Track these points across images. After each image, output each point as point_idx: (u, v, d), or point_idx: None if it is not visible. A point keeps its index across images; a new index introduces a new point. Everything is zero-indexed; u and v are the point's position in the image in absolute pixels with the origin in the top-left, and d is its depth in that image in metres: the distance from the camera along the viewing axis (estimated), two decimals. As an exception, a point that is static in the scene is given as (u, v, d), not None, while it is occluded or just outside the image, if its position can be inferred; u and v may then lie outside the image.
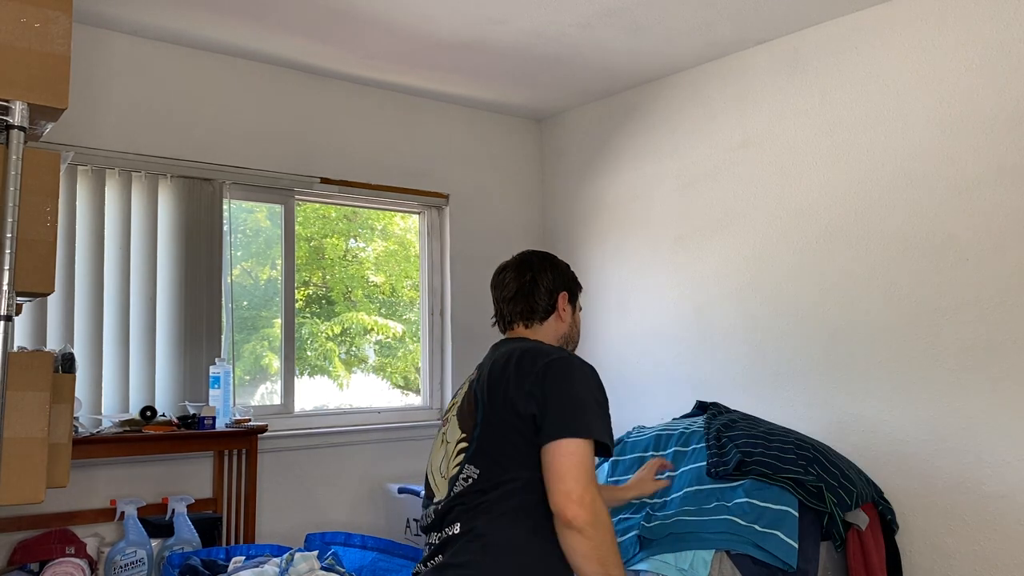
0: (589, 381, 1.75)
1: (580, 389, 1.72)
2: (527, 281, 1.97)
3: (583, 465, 1.62)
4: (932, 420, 3.10)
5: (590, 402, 1.71)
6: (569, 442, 1.63)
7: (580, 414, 1.67)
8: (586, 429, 1.66)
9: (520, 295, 1.96)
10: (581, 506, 1.58)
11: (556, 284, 1.98)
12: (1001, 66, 2.98)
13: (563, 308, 1.98)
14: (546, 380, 1.72)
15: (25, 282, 1.68)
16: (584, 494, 1.59)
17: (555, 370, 1.73)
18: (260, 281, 4.08)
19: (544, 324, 1.96)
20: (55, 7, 1.70)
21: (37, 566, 3.01)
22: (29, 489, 1.67)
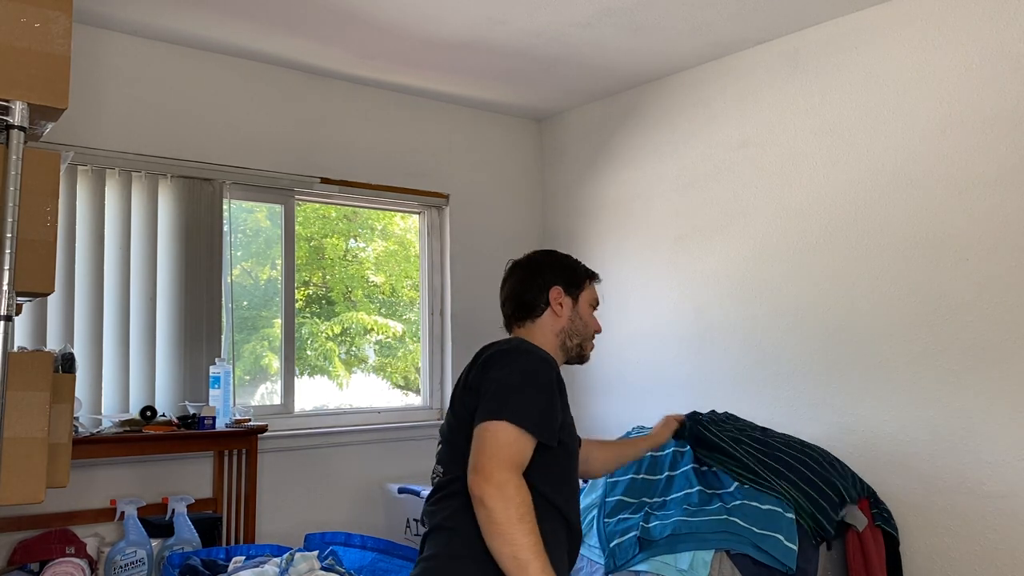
0: (527, 368, 1.69)
1: (513, 375, 1.67)
2: (519, 280, 1.95)
3: (496, 443, 1.57)
4: (932, 420, 3.10)
5: (518, 387, 1.65)
6: (489, 424, 1.60)
7: (505, 398, 1.63)
8: (508, 412, 1.60)
9: (512, 295, 1.94)
10: (488, 481, 1.54)
11: (548, 279, 1.93)
12: (1001, 66, 2.98)
13: (558, 302, 1.91)
14: (484, 370, 1.70)
15: (25, 282, 1.68)
16: (493, 470, 1.54)
17: (495, 359, 1.71)
18: (260, 281, 4.08)
19: (538, 322, 1.91)
20: (55, 7, 1.69)
21: (37, 566, 3.01)
22: (29, 489, 1.67)
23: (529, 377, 1.68)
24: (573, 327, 1.93)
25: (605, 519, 2.81)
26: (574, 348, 1.93)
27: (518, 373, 1.67)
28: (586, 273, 2.00)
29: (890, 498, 3.17)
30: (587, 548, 2.83)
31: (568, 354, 1.94)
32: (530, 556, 1.52)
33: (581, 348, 1.94)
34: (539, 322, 1.91)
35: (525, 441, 1.61)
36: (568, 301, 1.93)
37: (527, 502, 1.55)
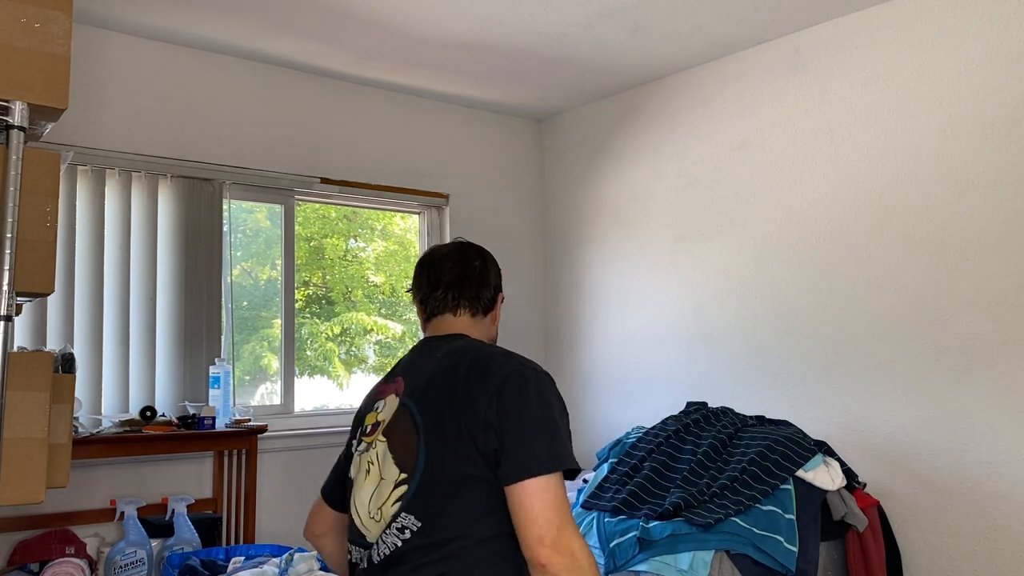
0: (550, 396, 1.49)
1: (542, 409, 1.45)
2: (476, 267, 1.72)
3: (555, 503, 1.38)
4: (932, 420, 3.10)
5: (554, 425, 1.45)
6: (537, 481, 1.38)
7: (546, 443, 1.42)
8: (556, 460, 1.41)
9: (468, 281, 1.70)
10: (556, 551, 1.35)
11: (498, 282, 1.76)
12: (1001, 66, 2.98)
13: (498, 310, 1.76)
14: (501, 402, 1.45)
15: (25, 282, 1.68)
16: (559, 537, 1.36)
17: (511, 388, 1.46)
18: (260, 281, 4.08)
19: (480, 320, 1.72)
20: (55, 7, 1.69)
21: (37, 566, 3.01)
22: (29, 489, 1.67)
23: (560, 409, 1.50)
24: (495, 335, 1.79)
25: (606, 519, 2.82)
26: None
27: (549, 406, 1.47)
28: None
29: (890, 498, 3.17)
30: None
31: None
32: None
33: None
34: (483, 321, 1.73)
35: (565, 488, 1.44)
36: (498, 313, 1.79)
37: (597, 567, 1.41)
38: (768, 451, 2.77)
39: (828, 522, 2.76)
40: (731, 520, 2.58)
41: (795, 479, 2.71)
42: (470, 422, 1.44)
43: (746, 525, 2.56)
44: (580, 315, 4.56)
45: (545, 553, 1.35)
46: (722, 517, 2.58)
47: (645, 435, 3.14)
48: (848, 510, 2.79)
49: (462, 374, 1.50)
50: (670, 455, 2.97)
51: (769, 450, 2.78)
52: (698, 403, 3.33)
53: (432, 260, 1.75)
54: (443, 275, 1.71)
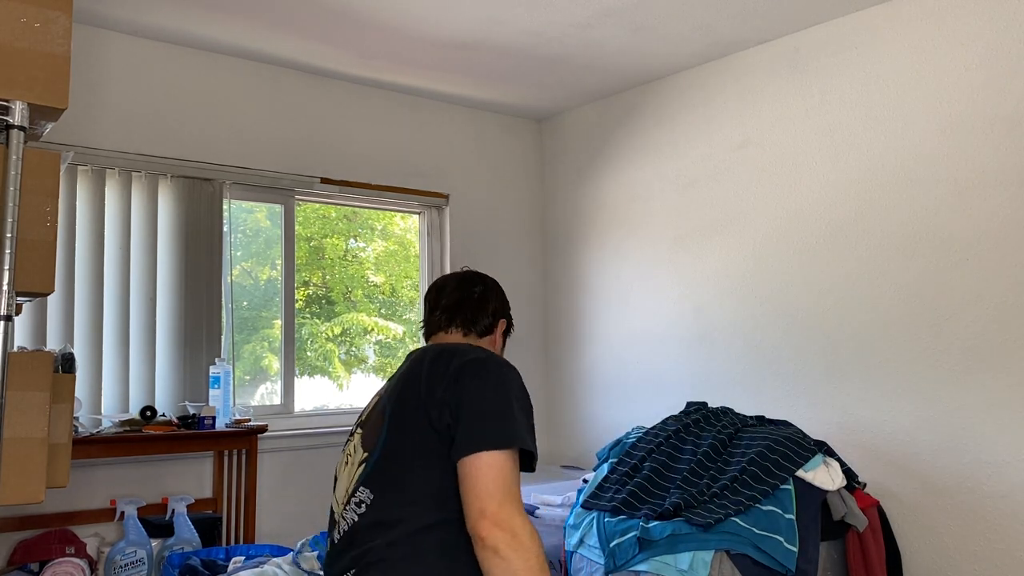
0: (509, 383, 1.53)
1: (498, 392, 1.50)
2: (476, 293, 1.83)
3: (500, 479, 1.40)
4: (932, 420, 3.10)
5: (511, 407, 1.49)
6: (486, 455, 1.41)
7: (499, 421, 1.46)
8: (507, 438, 1.44)
9: (466, 305, 1.80)
10: (496, 525, 1.36)
11: (499, 308, 1.85)
12: (1001, 66, 2.98)
13: (499, 334, 1.84)
14: (459, 383, 1.51)
15: (25, 282, 1.68)
16: (500, 511, 1.38)
17: (470, 371, 1.52)
18: (260, 281, 4.08)
19: (479, 341, 1.81)
20: (55, 7, 1.69)
21: (37, 566, 3.01)
22: (29, 489, 1.67)
23: (520, 396, 1.54)
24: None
25: (606, 519, 2.82)
26: None
27: (507, 390, 1.51)
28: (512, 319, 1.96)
29: (890, 498, 3.17)
30: (587, 548, 2.83)
31: None
32: None
33: None
34: (478, 342, 1.81)
35: (516, 469, 1.47)
36: (502, 340, 1.88)
37: (542, 547, 1.42)
38: (768, 451, 2.77)
39: (828, 522, 2.76)
40: (731, 520, 2.58)
41: (795, 479, 2.71)
42: (427, 400, 1.51)
43: (746, 525, 2.56)
44: (580, 315, 4.56)
45: (485, 526, 1.37)
46: (722, 517, 2.58)
47: (645, 435, 3.14)
48: (848, 510, 2.79)
49: (428, 359, 1.59)
50: (670, 455, 2.97)
51: (769, 450, 2.77)
52: (698, 403, 3.33)
53: (437, 286, 1.87)
54: (443, 299, 1.83)
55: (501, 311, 1.86)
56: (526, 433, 1.49)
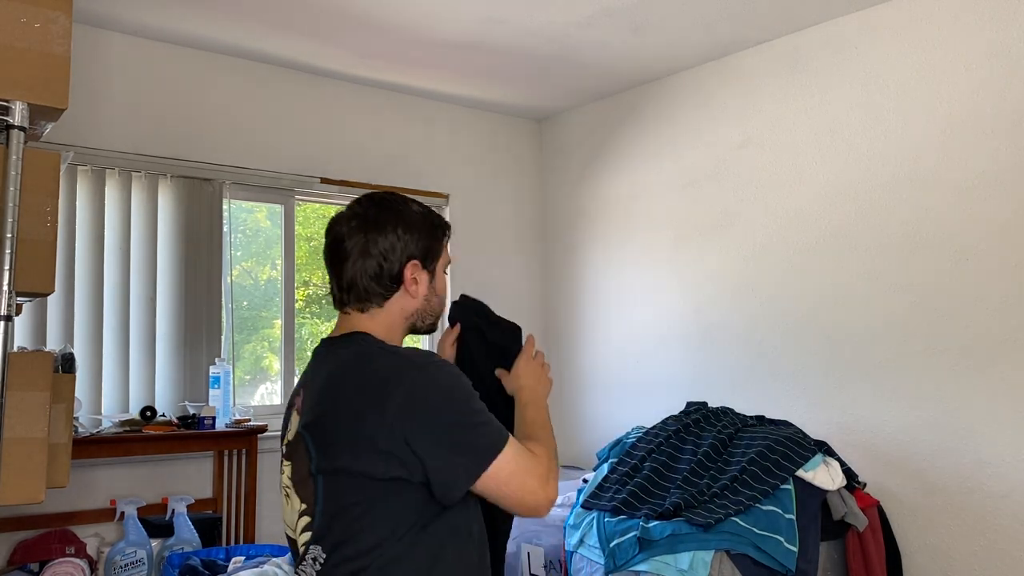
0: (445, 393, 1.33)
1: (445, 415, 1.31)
2: (359, 248, 1.43)
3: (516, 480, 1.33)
4: (932, 420, 3.10)
5: (460, 425, 1.32)
6: (484, 479, 1.31)
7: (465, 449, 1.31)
8: (486, 455, 1.31)
9: (345, 268, 1.44)
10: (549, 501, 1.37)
11: (402, 250, 1.44)
12: (1001, 66, 2.98)
13: (412, 281, 1.45)
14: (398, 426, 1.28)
15: (25, 282, 1.68)
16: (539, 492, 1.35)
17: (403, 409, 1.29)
18: (260, 281, 4.07)
19: (386, 306, 1.45)
20: (55, 7, 1.69)
21: (37, 566, 3.01)
22: (29, 489, 1.67)
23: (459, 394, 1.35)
24: (428, 307, 1.50)
25: (606, 519, 2.81)
26: (425, 327, 1.52)
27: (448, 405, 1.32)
28: (442, 230, 1.52)
29: (890, 498, 3.17)
30: (587, 548, 2.83)
31: (415, 332, 1.53)
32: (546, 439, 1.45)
33: (432, 324, 1.54)
34: (388, 305, 1.45)
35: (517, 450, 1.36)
36: (425, 276, 1.47)
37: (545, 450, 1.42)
38: (768, 451, 2.77)
39: (828, 522, 2.76)
40: (731, 520, 2.58)
41: (795, 479, 2.71)
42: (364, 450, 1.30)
43: (746, 525, 2.56)
44: (580, 315, 4.56)
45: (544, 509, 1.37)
46: (722, 517, 2.58)
47: (645, 435, 3.14)
48: (848, 510, 2.79)
49: (345, 391, 1.34)
50: (670, 455, 2.97)
51: (769, 450, 2.78)
52: (698, 403, 3.33)
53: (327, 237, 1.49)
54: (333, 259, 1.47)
55: (405, 253, 1.44)
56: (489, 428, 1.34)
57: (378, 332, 1.44)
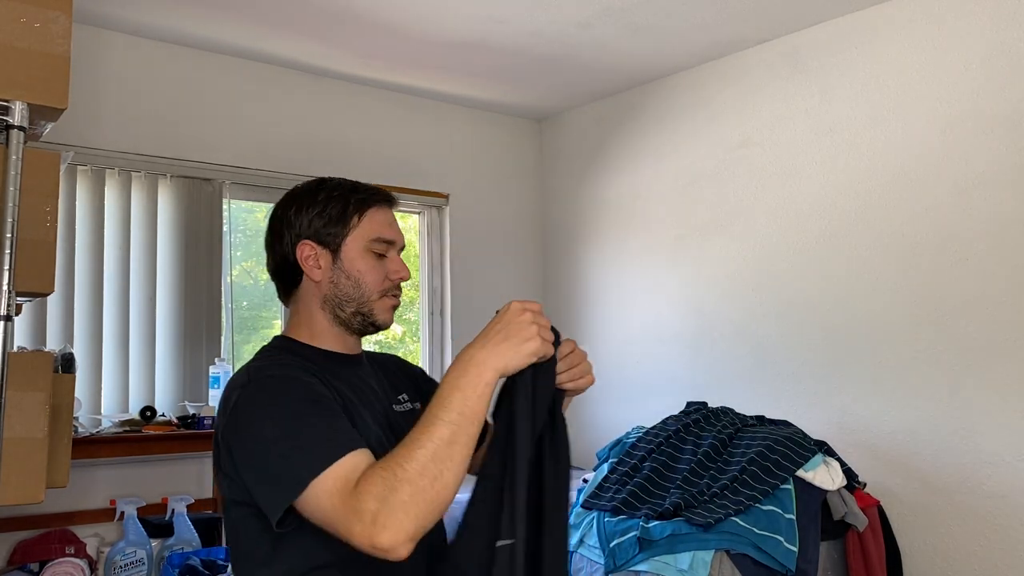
0: (247, 423, 1.18)
1: (254, 452, 1.16)
2: (268, 241, 1.39)
3: (326, 507, 1.07)
4: (932, 420, 3.10)
5: (272, 452, 1.13)
6: (302, 505, 1.09)
7: (271, 478, 1.13)
8: (297, 482, 1.09)
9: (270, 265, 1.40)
10: (384, 549, 1.02)
11: (290, 235, 1.35)
12: (1001, 66, 2.98)
13: (309, 264, 1.33)
14: (232, 446, 1.19)
15: (25, 282, 1.68)
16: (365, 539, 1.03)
17: (230, 426, 1.20)
18: (260, 281, 4.08)
19: (298, 295, 1.37)
20: (55, 7, 1.69)
21: (37, 566, 3.01)
22: (29, 489, 1.67)
23: (284, 412, 1.16)
24: (339, 292, 1.33)
25: (606, 519, 2.81)
26: (352, 318, 1.34)
27: (266, 422, 1.16)
28: (355, 205, 1.34)
29: (890, 498, 3.17)
30: (587, 548, 2.83)
31: (349, 327, 1.35)
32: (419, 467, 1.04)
33: (363, 316, 1.34)
34: (299, 293, 1.36)
35: (348, 461, 1.09)
36: (326, 256, 1.33)
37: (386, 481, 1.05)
38: (768, 451, 2.77)
39: (828, 522, 2.76)
40: (731, 520, 2.58)
41: (795, 479, 2.71)
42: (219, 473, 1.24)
43: (746, 525, 2.56)
44: (580, 315, 4.56)
45: (365, 536, 1.04)
46: (722, 517, 2.58)
47: (645, 435, 3.14)
48: (848, 510, 2.79)
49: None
50: (670, 455, 2.97)
51: (769, 450, 2.78)
52: (698, 403, 3.33)
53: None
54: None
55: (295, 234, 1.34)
56: (298, 459, 1.10)
57: (301, 329, 1.36)
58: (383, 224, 1.35)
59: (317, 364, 1.30)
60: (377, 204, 1.36)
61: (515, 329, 1.12)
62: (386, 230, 1.35)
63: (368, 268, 1.34)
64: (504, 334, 1.12)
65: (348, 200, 1.34)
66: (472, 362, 1.10)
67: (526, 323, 1.13)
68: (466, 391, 1.08)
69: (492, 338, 1.12)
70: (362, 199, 1.35)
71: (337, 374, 1.31)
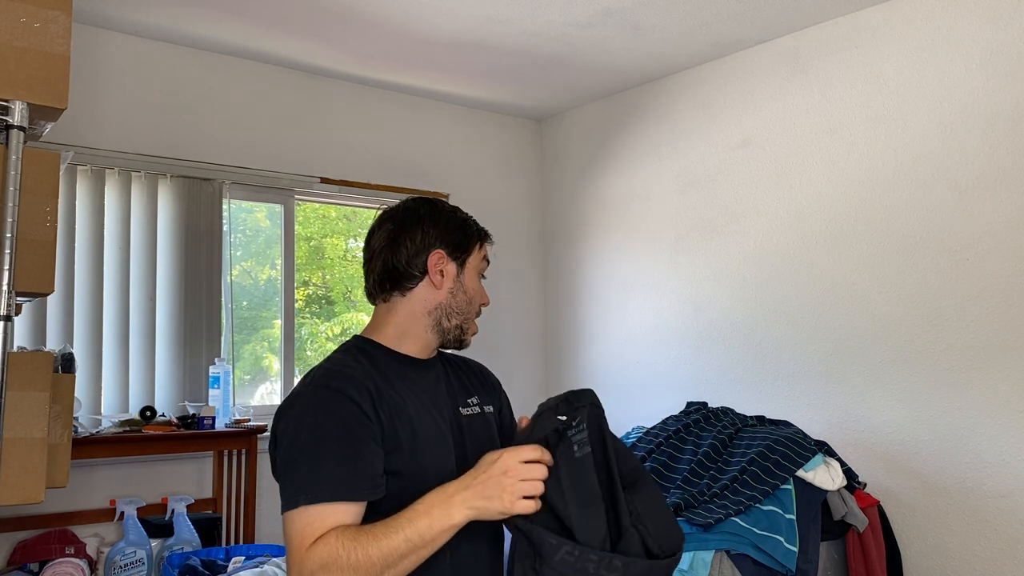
0: (294, 421, 1.33)
1: (283, 443, 1.34)
2: (390, 238, 1.46)
3: (291, 541, 1.26)
4: (932, 420, 3.10)
5: (291, 454, 1.31)
6: (285, 516, 1.28)
7: (285, 479, 1.31)
8: (290, 500, 1.28)
9: (378, 259, 1.46)
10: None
11: (429, 239, 1.44)
12: (1001, 66, 2.98)
13: (436, 269, 1.44)
14: (275, 427, 1.39)
15: (25, 282, 1.68)
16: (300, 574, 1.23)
17: (281, 409, 1.38)
18: (260, 281, 4.07)
19: (409, 295, 1.45)
20: (55, 7, 1.69)
21: (37, 566, 3.01)
22: (29, 489, 1.67)
23: (306, 434, 1.30)
24: (454, 303, 1.46)
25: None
26: (452, 330, 1.47)
27: (294, 438, 1.32)
28: (478, 233, 1.51)
29: (890, 498, 3.17)
30: (587, 548, 2.83)
31: (444, 337, 1.47)
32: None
33: (461, 330, 1.48)
34: (411, 296, 1.45)
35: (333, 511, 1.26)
36: (452, 269, 1.46)
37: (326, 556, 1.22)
38: (768, 451, 2.77)
39: (828, 522, 2.76)
40: (731, 520, 2.58)
41: (795, 479, 2.71)
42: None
43: (746, 525, 2.56)
44: (580, 315, 4.56)
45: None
46: (722, 517, 2.58)
47: (645, 435, 3.14)
48: (848, 510, 2.79)
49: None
50: (670, 455, 2.97)
51: (769, 450, 2.78)
52: (698, 403, 3.33)
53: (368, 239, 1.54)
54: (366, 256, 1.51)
55: (429, 242, 1.44)
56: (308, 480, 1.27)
57: (388, 329, 1.47)
58: (486, 256, 1.54)
59: (388, 368, 1.41)
60: (487, 240, 1.55)
61: (492, 487, 1.23)
62: (487, 262, 1.55)
63: (478, 288, 1.51)
64: (484, 487, 1.23)
65: (479, 233, 1.52)
66: (454, 499, 1.24)
67: (501, 486, 1.22)
68: (433, 521, 1.23)
69: (474, 485, 1.24)
70: (483, 233, 1.53)
71: (406, 377, 1.42)
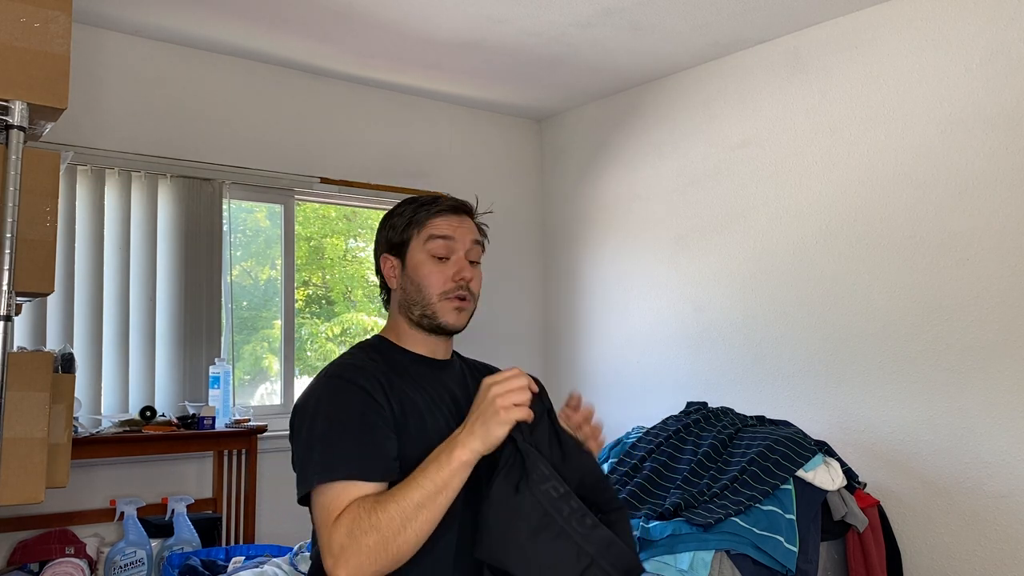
0: (309, 411, 1.35)
1: (300, 433, 1.34)
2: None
3: (317, 520, 1.27)
4: (932, 420, 3.10)
5: (307, 441, 1.32)
6: (310, 504, 1.30)
7: (302, 464, 1.32)
8: (305, 482, 1.30)
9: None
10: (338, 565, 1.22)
11: (378, 250, 1.52)
12: (1001, 66, 2.98)
13: (389, 274, 1.49)
14: (294, 415, 1.39)
15: (25, 282, 1.68)
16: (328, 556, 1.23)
17: (300, 398, 1.40)
18: (260, 281, 4.07)
19: (391, 299, 1.53)
20: (55, 7, 1.69)
21: (37, 566, 3.01)
22: (29, 489, 1.67)
23: (318, 419, 1.32)
24: (406, 297, 1.47)
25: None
26: (420, 319, 1.46)
27: (306, 422, 1.34)
28: (413, 216, 1.47)
29: (890, 498, 3.17)
30: (587, 548, 2.83)
31: (420, 327, 1.47)
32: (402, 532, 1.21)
33: (428, 317, 1.45)
34: (391, 299, 1.53)
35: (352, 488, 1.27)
36: (396, 264, 1.49)
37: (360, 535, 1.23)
38: (768, 451, 2.77)
39: (828, 522, 2.76)
40: (731, 520, 2.58)
41: (795, 479, 2.71)
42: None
43: (746, 525, 2.56)
44: (580, 315, 4.56)
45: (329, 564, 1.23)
46: (722, 517, 2.58)
47: (645, 435, 3.14)
48: (848, 510, 2.79)
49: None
50: (670, 455, 2.97)
51: (769, 450, 2.78)
52: (698, 403, 3.33)
53: None
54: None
55: (379, 248, 1.52)
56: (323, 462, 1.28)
57: (391, 331, 1.52)
58: (438, 225, 1.46)
59: (403, 365, 1.44)
60: (440, 212, 1.48)
61: (486, 413, 1.25)
62: (440, 228, 1.46)
63: (428, 272, 1.45)
64: (479, 417, 1.26)
65: (416, 211, 1.47)
66: (455, 442, 1.26)
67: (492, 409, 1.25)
68: (441, 464, 1.24)
69: (470, 422, 1.27)
70: (425, 207, 1.48)
71: (418, 375, 1.44)
